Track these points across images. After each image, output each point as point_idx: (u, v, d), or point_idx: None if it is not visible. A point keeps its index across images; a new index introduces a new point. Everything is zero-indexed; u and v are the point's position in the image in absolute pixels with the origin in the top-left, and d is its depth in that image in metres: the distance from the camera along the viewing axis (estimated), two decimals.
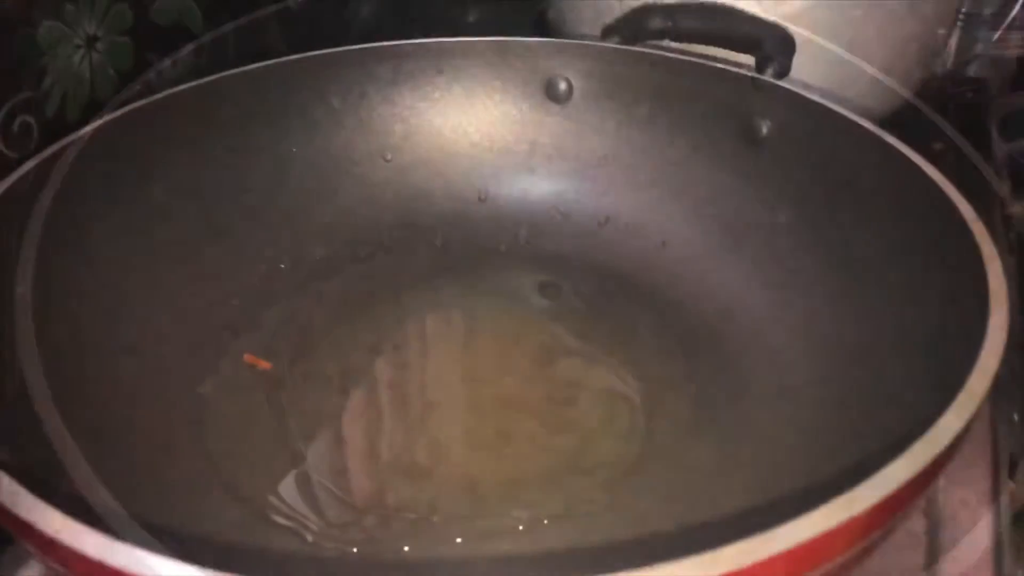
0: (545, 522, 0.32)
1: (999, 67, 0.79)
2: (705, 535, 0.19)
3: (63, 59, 0.44)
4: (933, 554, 0.34)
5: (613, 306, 0.43)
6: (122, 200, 0.39)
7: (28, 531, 0.21)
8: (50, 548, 0.20)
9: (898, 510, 0.21)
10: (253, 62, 0.45)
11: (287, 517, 0.32)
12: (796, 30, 0.47)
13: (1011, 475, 0.39)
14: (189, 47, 0.53)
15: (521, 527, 0.32)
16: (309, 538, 0.31)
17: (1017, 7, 0.72)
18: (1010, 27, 0.73)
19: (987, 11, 0.77)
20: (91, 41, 0.46)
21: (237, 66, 0.45)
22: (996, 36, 0.74)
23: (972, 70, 0.79)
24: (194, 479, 0.33)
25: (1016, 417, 0.43)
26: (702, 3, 0.49)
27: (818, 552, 0.19)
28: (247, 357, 0.39)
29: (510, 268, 0.46)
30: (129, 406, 0.35)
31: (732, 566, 0.18)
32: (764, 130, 0.42)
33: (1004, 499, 0.37)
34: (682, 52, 0.47)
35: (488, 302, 0.43)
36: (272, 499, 0.33)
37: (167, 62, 0.51)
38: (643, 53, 0.47)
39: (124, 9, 0.48)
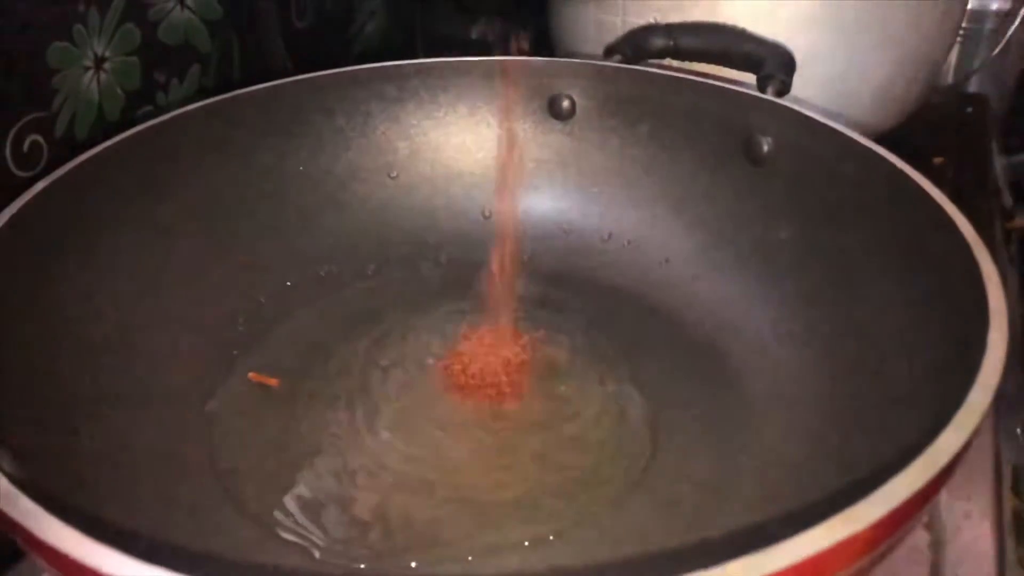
0: (551, 538, 0.32)
1: (998, 82, 0.79)
2: (709, 551, 0.20)
3: (72, 79, 0.45)
4: (937, 568, 0.34)
5: (617, 322, 0.43)
6: (131, 219, 0.40)
7: (41, 547, 0.21)
8: (61, 564, 0.21)
9: (901, 524, 0.21)
10: (259, 82, 0.46)
11: (294, 533, 0.32)
12: (796, 48, 0.47)
13: (1014, 488, 0.39)
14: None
15: (527, 543, 0.32)
16: (316, 554, 0.31)
17: (1016, 23, 0.73)
18: (1009, 43, 0.73)
19: (987, 27, 0.78)
20: (99, 61, 0.47)
21: (243, 85, 0.45)
22: (995, 51, 0.74)
23: (972, 85, 0.79)
24: (202, 495, 0.34)
25: (1019, 430, 0.43)
26: (703, 22, 0.49)
27: (822, 567, 0.20)
28: (252, 376, 0.40)
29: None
30: (137, 423, 0.35)
31: None
32: (765, 148, 0.43)
33: (1007, 512, 0.37)
34: (684, 71, 0.48)
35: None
36: (279, 516, 0.33)
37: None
38: (645, 72, 0.47)
39: (132, 29, 0.49)
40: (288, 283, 0.45)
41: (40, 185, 0.36)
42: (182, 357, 0.39)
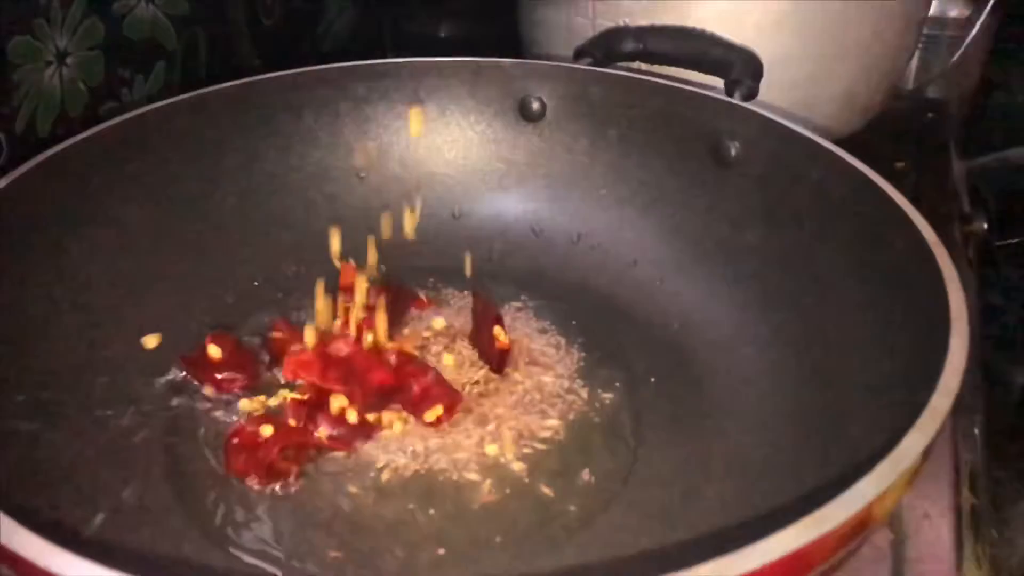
0: (523, 538, 0.32)
1: (958, 88, 0.81)
2: (681, 553, 0.20)
3: (34, 74, 0.44)
4: (898, 565, 0.35)
5: (586, 323, 0.43)
6: (94, 218, 0.39)
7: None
8: (15, 565, 0.21)
9: (868, 526, 0.22)
10: (226, 79, 0.45)
11: (260, 538, 0.32)
12: (764, 54, 0.48)
13: (972, 488, 0.40)
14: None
15: (499, 539, 0.32)
16: (283, 557, 0.31)
17: (975, 30, 0.74)
18: (968, 49, 0.75)
19: (946, 33, 0.79)
20: (62, 56, 0.46)
21: (210, 83, 0.45)
22: (955, 58, 0.76)
23: (932, 91, 0.81)
24: (162, 501, 0.33)
25: (975, 430, 0.44)
26: (673, 26, 0.50)
27: (792, 568, 0.20)
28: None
29: (484, 285, 0.46)
30: (100, 425, 0.35)
31: None
32: (732, 151, 0.43)
33: (965, 511, 0.38)
34: (653, 74, 0.48)
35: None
36: (246, 520, 0.33)
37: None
38: (615, 74, 0.47)
39: (95, 23, 0.48)
40: (255, 283, 0.45)
41: (1, 183, 0.35)
42: (146, 358, 0.38)
